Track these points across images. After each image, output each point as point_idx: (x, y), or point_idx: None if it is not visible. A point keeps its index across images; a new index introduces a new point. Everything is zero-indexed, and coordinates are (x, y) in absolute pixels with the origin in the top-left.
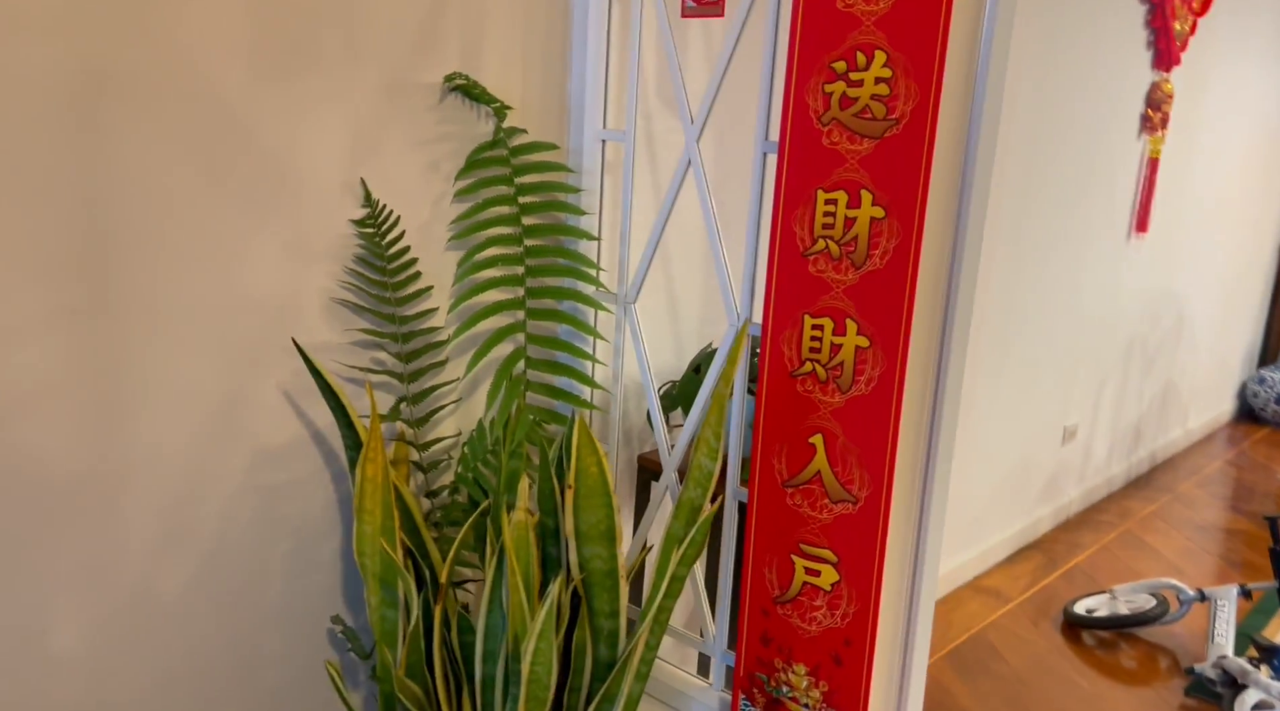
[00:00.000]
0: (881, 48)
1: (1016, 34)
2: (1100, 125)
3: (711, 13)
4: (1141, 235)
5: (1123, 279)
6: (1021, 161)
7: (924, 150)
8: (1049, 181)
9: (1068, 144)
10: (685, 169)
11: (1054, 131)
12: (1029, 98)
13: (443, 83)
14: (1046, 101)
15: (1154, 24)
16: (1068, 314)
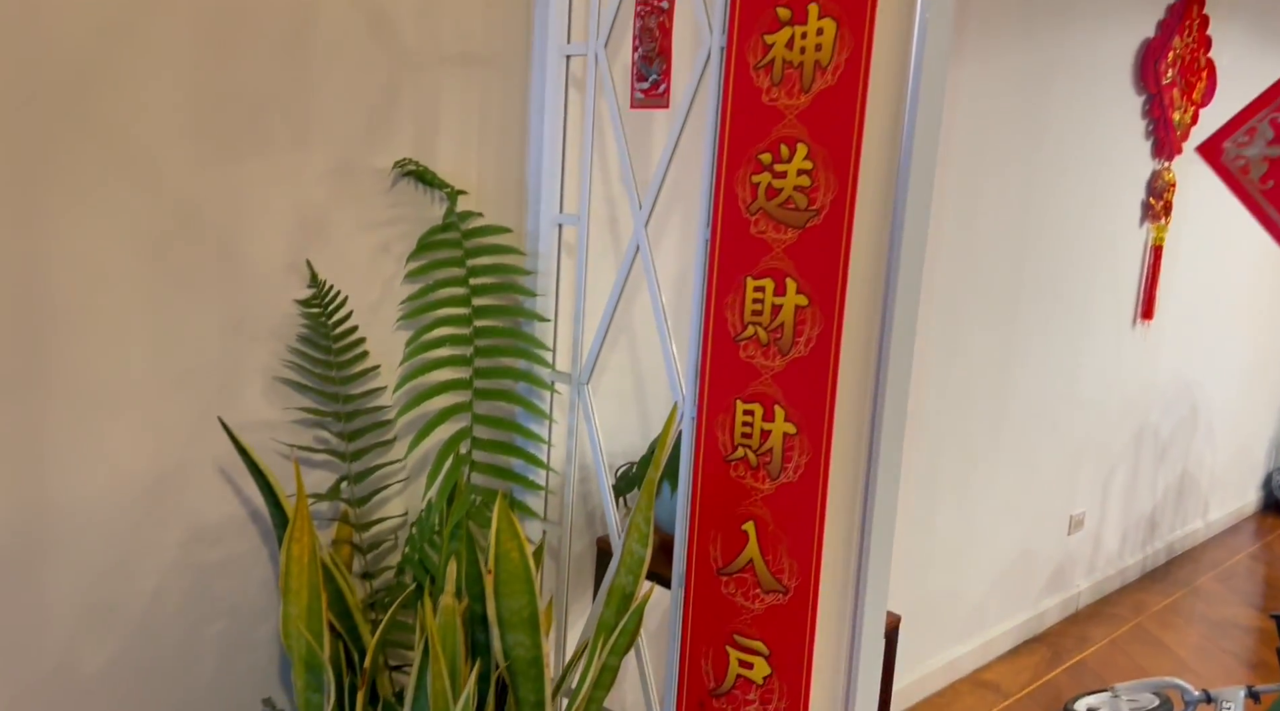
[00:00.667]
0: (803, 141)
1: (1004, 121)
2: (1099, 212)
3: (657, 104)
4: (1147, 322)
5: (1128, 366)
6: (1013, 245)
7: (843, 240)
8: (1045, 267)
9: (1065, 230)
10: (634, 254)
11: (1048, 217)
12: (1018, 182)
13: (394, 167)
14: (1039, 187)
15: (1153, 114)
16: (1068, 400)
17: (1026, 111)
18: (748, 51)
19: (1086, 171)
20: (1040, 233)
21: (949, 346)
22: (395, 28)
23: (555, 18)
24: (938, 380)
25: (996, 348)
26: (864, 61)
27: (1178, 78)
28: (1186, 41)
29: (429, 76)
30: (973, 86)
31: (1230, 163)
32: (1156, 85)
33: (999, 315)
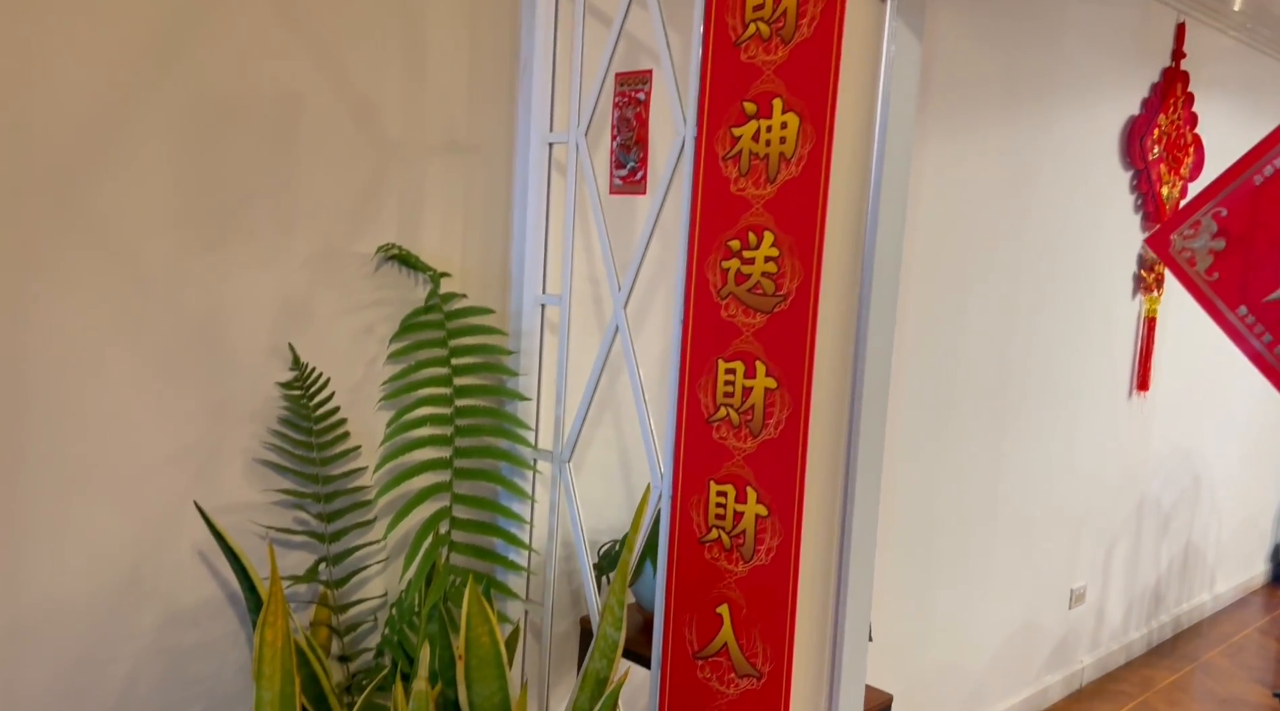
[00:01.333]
0: (770, 229)
1: (992, 196)
2: (1091, 285)
3: (635, 191)
4: (1143, 394)
5: (1125, 438)
6: (1005, 319)
7: (809, 325)
8: (1038, 340)
9: (1057, 303)
10: (614, 334)
11: (1040, 291)
12: (1009, 256)
13: (377, 251)
14: (1029, 261)
15: (1141, 188)
16: (1066, 473)
17: (1015, 187)
18: (716, 143)
19: (1077, 245)
20: (1032, 306)
21: (941, 421)
22: (380, 118)
23: (538, 108)
24: (930, 455)
25: (990, 421)
26: (825, 154)
27: (1164, 153)
28: (1172, 118)
29: (414, 164)
30: (958, 164)
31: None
32: (1143, 161)
33: (992, 388)
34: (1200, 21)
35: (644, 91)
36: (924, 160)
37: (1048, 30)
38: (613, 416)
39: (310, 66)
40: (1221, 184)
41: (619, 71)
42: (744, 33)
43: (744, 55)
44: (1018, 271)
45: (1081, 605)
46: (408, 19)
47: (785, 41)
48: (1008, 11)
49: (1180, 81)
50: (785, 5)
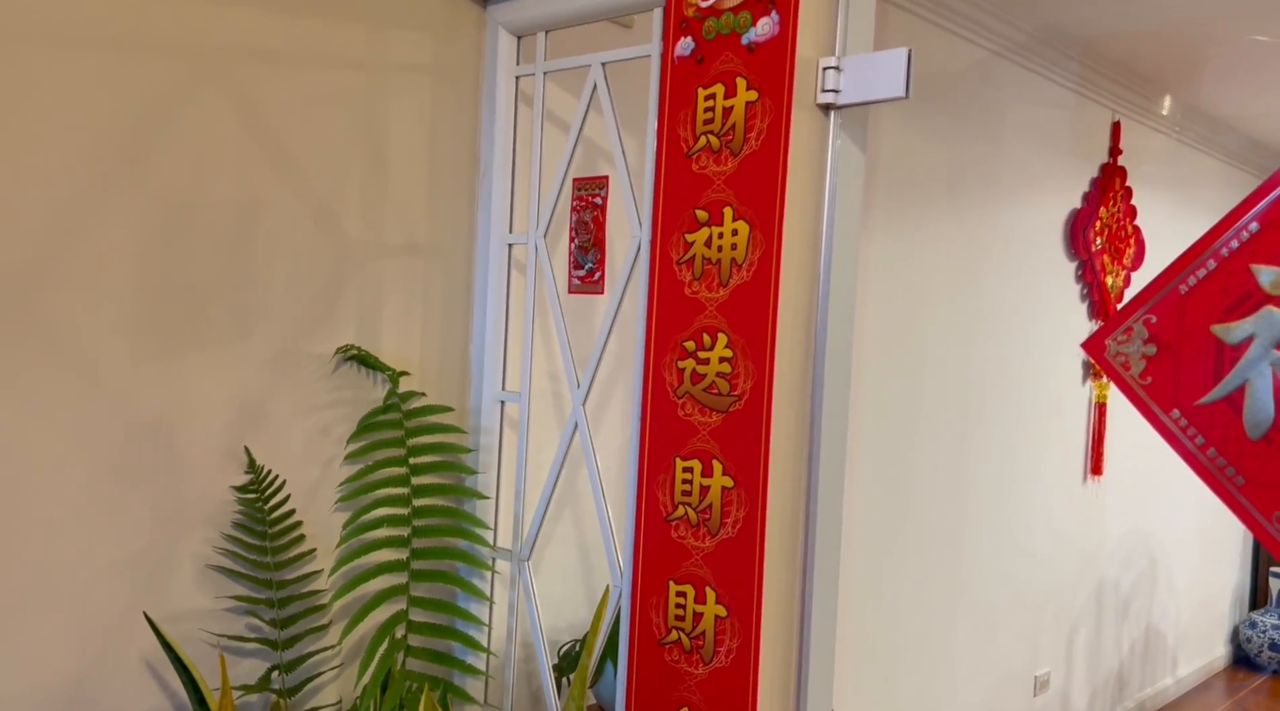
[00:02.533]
0: (723, 330)
1: (941, 286)
2: (1042, 373)
3: (594, 291)
4: (1097, 478)
5: (1082, 522)
6: (958, 409)
7: (763, 425)
8: (992, 429)
9: (1009, 391)
10: (573, 431)
11: (992, 380)
12: (960, 346)
13: (336, 353)
14: (980, 350)
15: (1086, 278)
16: (1026, 558)
17: (963, 280)
18: (671, 248)
19: (1027, 334)
20: (985, 395)
21: (901, 511)
22: (339, 221)
23: (498, 210)
24: (891, 545)
25: (949, 510)
26: (775, 260)
27: (1107, 244)
28: (1112, 211)
29: (373, 265)
30: (906, 259)
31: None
32: (1087, 252)
33: (949, 478)
34: (1134, 120)
35: (601, 196)
36: (872, 258)
37: (990, 128)
38: (572, 512)
39: (270, 172)
40: (1151, 291)
41: (577, 177)
42: (695, 144)
43: (695, 166)
44: (970, 361)
45: (1046, 692)
46: (369, 125)
47: (734, 153)
48: (951, 110)
49: (1119, 176)
50: (734, 119)
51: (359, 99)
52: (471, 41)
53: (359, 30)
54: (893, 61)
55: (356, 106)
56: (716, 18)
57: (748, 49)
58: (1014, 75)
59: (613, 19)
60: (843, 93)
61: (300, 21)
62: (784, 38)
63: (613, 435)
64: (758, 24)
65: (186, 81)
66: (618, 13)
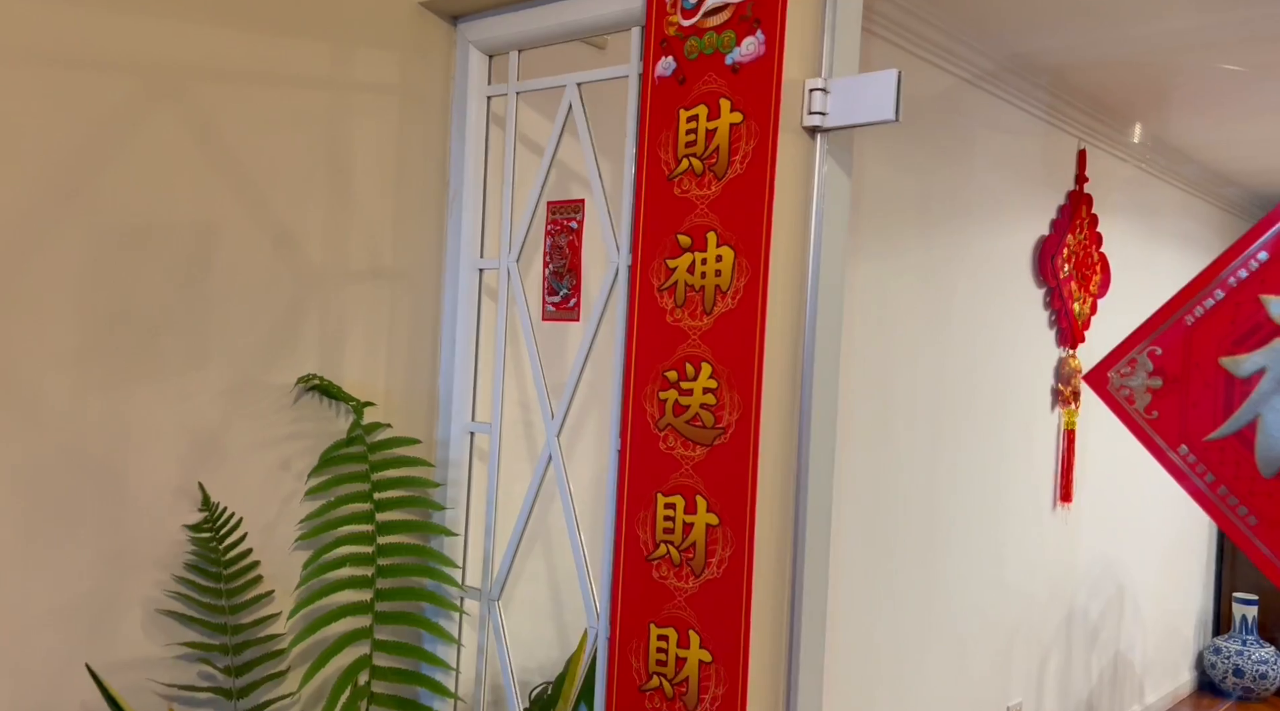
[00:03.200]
0: (707, 360)
1: (911, 314)
2: (1011, 400)
3: (569, 318)
4: (1066, 505)
5: (1051, 550)
6: (930, 436)
7: (750, 460)
8: (962, 456)
9: (979, 419)
10: (546, 464)
11: (962, 407)
12: (931, 374)
13: (297, 383)
14: (951, 378)
15: (1054, 305)
16: (996, 587)
17: (934, 307)
18: (652, 274)
19: (996, 362)
20: (956, 424)
21: (876, 546)
22: (300, 246)
23: (468, 234)
24: (867, 582)
25: (919, 538)
26: (761, 288)
27: (1074, 271)
28: (1079, 238)
29: (336, 292)
30: (879, 286)
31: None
32: (1055, 279)
33: (919, 506)
34: (1099, 148)
35: (576, 220)
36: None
37: (960, 156)
38: (543, 547)
39: (228, 194)
40: (1155, 322)
41: (551, 201)
42: (677, 167)
43: (677, 189)
44: (940, 389)
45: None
46: (333, 146)
47: (718, 177)
48: (922, 138)
49: (1085, 204)
50: (718, 142)
51: (322, 119)
52: (441, 60)
53: (322, 48)
54: (882, 83)
55: (319, 127)
56: (699, 37)
57: (732, 69)
58: (983, 103)
59: (586, 40)
60: (830, 115)
61: (260, 38)
62: (770, 58)
63: (584, 467)
64: (742, 44)
65: (140, 99)
66: (594, 32)
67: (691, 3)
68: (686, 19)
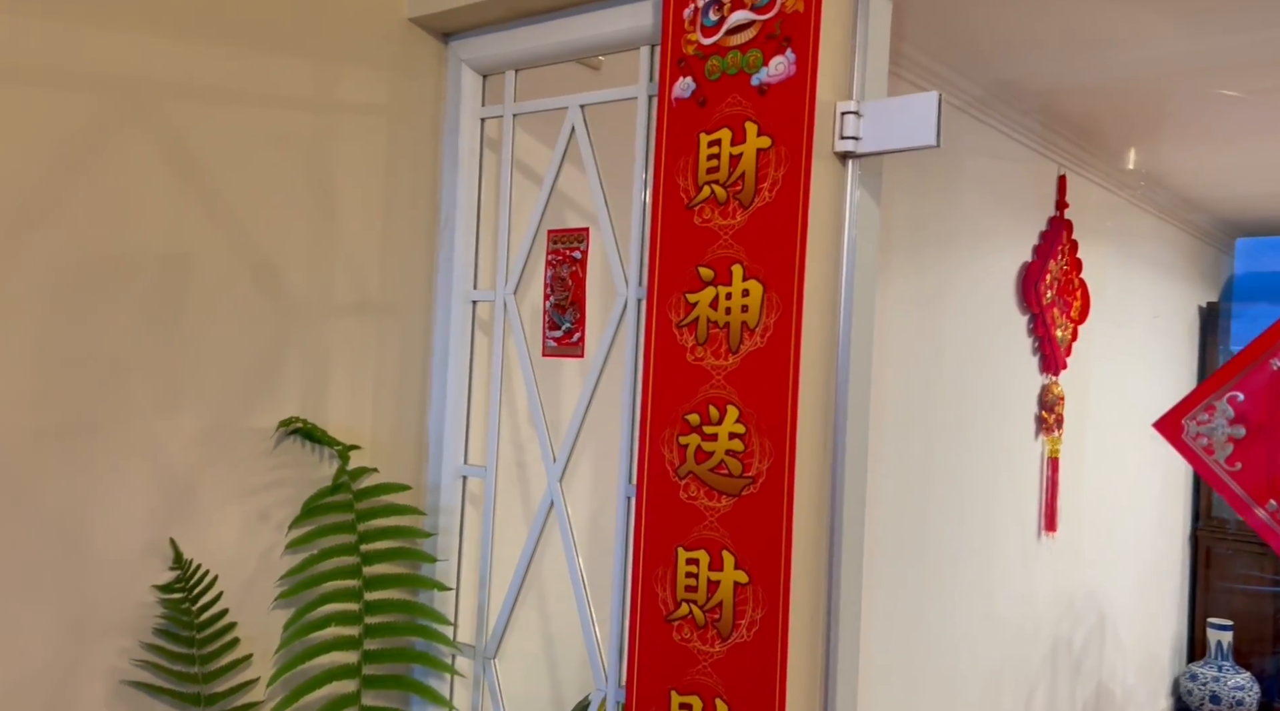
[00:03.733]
0: (734, 403)
1: (902, 343)
2: (997, 428)
3: (571, 353)
4: (1051, 534)
5: (1038, 580)
6: (918, 463)
7: (784, 512)
8: (949, 487)
9: (965, 447)
10: (548, 510)
11: (950, 435)
12: (920, 403)
13: (278, 427)
14: (939, 407)
15: (1037, 332)
16: (985, 621)
17: (923, 335)
18: (669, 309)
19: (984, 389)
20: (944, 452)
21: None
22: (282, 278)
23: (460, 264)
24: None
25: (909, 571)
26: (795, 325)
27: (1056, 298)
28: (1060, 264)
29: (319, 327)
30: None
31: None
32: (1039, 305)
33: (909, 539)
34: (1077, 174)
35: (580, 250)
36: None
37: (947, 181)
38: (536, 596)
39: (203, 222)
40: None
41: (551, 229)
42: (697, 195)
43: (698, 218)
44: (930, 418)
45: None
46: (316, 171)
47: (744, 206)
48: (908, 162)
49: (1066, 229)
50: (743, 168)
51: (305, 141)
52: (431, 80)
53: (304, 65)
54: (921, 106)
55: (302, 150)
56: (721, 56)
57: (758, 91)
58: (968, 127)
59: (580, 60)
60: (863, 140)
61: (239, 54)
62: (802, 79)
63: (579, 507)
64: (770, 63)
65: (109, 119)
66: (599, 51)
67: (713, 20)
68: (707, 37)
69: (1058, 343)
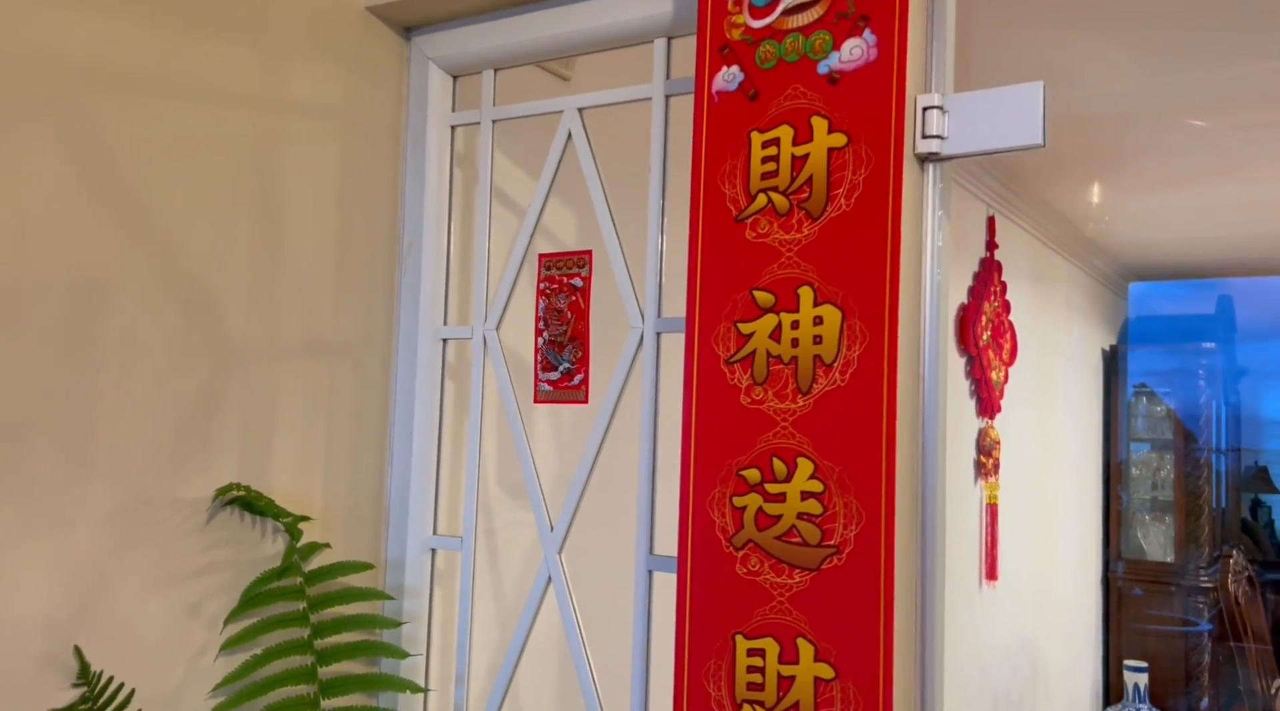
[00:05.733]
0: (806, 454)
1: None
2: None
3: (572, 399)
4: (992, 583)
5: (981, 631)
6: None
7: (881, 587)
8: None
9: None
10: (544, 589)
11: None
12: None
13: (214, 497)
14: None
15: (974, 374)
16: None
17: None
18: (715, 341)
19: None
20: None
21: None
22: (218, 312)
23: (428, 295)
24: None
25: None
26: (887, 358)
27: (991, 340)
28: (993, 306)
29: (262, 373)
30: None
31: None
32: (975, 347)
33: None
34: (1003, 215)
35: (580, 276)
36: None
37: None
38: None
39: (122, 242)
40: None
41: (544, 253)
42: (749, 206)
43: (751, 233)
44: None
45: None
46: (259, 182)
47: (813, 217)
48: None
49: (997, 271)
50: (810, 172)
51: (245, 146)
52: (393, 81)
53: (247, 55)
54: (1023, 99)
55: (242, 156)
56: (777, 41)
57: (828, 80)
58: None
59: (544, 66)
60: (949, 139)
61: (169, 39)
62: (886, 65)
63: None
64: (842, 48)
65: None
66: (602, 45)
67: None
68: (757, 19)
69: (993, 384)
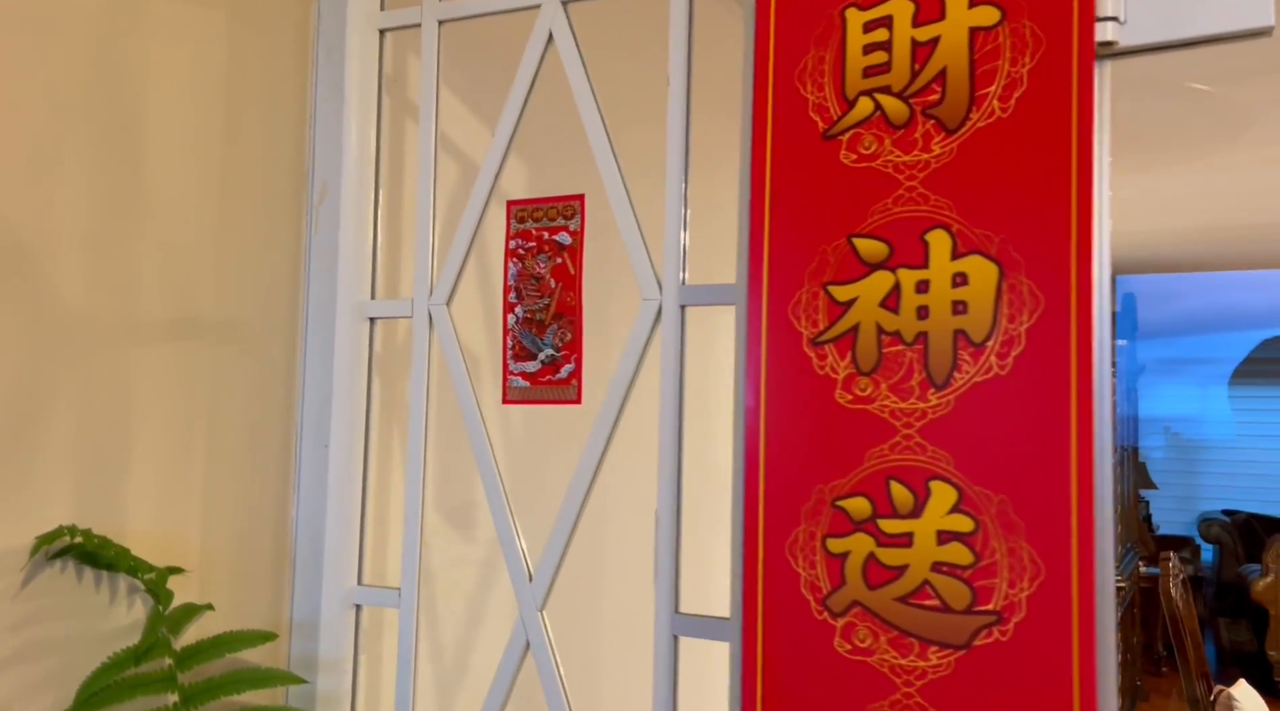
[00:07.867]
0: (946, 477)
1: None
2: None
3: (559, 398)
4: None
5: None
6: None
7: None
8: None
9: None
10: (521, 655)
11: None
12: None
13: (33, 549)
14: None
15: None
16: None
17: None
18: (794, 314)
19: None
20: None
21: None
22: (41, 275)
23: (349, 260)
24: None
25: None
26: (1077, 334)
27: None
28: None
29: (110, 364)
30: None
31: None
32: None
33: None
34: None
35: (568, 230)
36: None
37: None
38: None
39: None
40: None
41: (513, 200)
42: (845, 114)
43: (849, 155)
44: None
45: None
46: (106, 94)
47: (948, 129)
48: None
49: None
50: (944, 62)
51: (87, 38)
52: None
53: None
54: None
55: (82, 53)
56: None
57: None
58: None
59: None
60: (1128, 25)
61: None
62: None
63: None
64: None
65: None
66: None
67: None
68: None
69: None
